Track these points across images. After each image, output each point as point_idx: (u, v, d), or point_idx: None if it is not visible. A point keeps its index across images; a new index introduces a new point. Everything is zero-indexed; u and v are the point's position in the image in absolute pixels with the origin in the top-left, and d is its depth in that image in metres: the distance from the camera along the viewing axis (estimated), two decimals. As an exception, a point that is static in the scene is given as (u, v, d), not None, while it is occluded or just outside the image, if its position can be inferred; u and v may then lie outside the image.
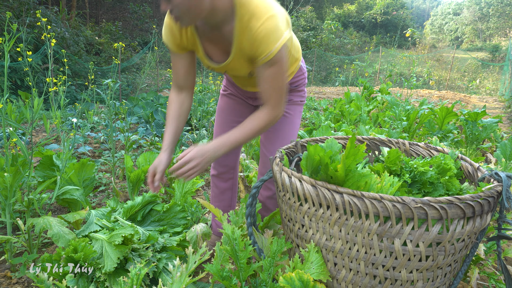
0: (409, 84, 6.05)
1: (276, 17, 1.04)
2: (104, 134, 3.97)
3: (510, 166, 2.39)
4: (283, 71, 1.12)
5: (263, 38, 1.04)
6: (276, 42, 1.04)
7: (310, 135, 3.21)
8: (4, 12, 8.07)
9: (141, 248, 1.28)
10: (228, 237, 1.08)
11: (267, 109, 1.17)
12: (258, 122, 1.17)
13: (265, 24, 1.03)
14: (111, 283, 1.15)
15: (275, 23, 1.03)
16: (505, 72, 13.76)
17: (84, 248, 1.17)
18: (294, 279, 0.87)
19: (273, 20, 1.03)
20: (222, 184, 1.74)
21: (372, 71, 15.52)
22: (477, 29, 34.28)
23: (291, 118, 1.51)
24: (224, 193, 1.77)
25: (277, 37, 1.04)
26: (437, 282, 0.90)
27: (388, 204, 0.80)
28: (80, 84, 9.62)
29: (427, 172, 1.05)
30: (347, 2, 31.86)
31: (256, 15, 1.04)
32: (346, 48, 22.25)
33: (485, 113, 3.29)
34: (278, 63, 1.08)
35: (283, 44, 1.05)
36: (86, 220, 1.41)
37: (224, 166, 1.69)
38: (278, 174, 1.01)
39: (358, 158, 0.86)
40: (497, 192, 0.87)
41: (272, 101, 1.16)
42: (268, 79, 1.12)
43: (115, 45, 2.67)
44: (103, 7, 20.04)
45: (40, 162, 1.85)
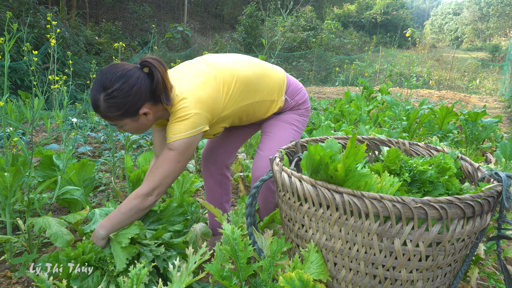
0: (409, 84, 6.05)
1: (189, 117, 1.23)
2: (104, 134, 3.98)
3: (510, 166, 2.39)
4: (177, 159, 1.26)
5: (171, 126, 1.26)
6: (178, 133, 1.23)
7: (310, 135, 3.21)
8: (4, 12, 8.07)
9: (152, 244, 1.30)
10: (228, 237, 1.08)
11: (143, 185, 1.27)
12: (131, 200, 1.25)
13: (176, 119, 1.25)
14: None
15: (185, 121, 1.23)
16: (505, 72, 13.76)
17: (92, 249, 1.20)
18: (294, 279, 0.87)
19: (185, 118, 1.23)
20: (210, 179, 1.75)
21: (372, 71, 15.53)
22: (477, 29, 34.29)
23: (286, 123, 1.54)
24: (212, 190, 1.77)
25: (181, 130, 1.23)
26: (437, 282, 0.90)
27: (388, 204, 0.80)
28: (80, 84, 9.62)
29: (426, 171, 1.05)
30: (347, 2, 31.86)
31: (174, 113, 1.26)
32: (346, 48, 22.25)
33: (485, 113, 3.29)
34: (175, 150, 1.25)
35: (182, 138, 1.23)
36: (90, 219, 1.43)
37: (213, 162, 1.72)
38: (278, 174, 1.01)
39: (358, 158, 0.86)
40: (497, 192, 0.87)
41: (151, 177, 1.26)
42: (161, 157, 1.27)
43: (115, 45, 2.67)
44: (103, 7, 20.04)
45: (40, 162, 1.85)
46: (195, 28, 23.04)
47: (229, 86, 1.34)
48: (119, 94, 1.16)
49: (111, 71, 1.18)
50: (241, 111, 1.42)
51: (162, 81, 1.21)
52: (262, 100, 1.46)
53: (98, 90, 1.18)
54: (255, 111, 1.47)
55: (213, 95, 1.29)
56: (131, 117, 1.22)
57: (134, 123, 1.25)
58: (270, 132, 1.53)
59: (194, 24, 23.42)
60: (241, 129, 1.71)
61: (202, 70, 1.34)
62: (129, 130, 1.29)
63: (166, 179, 1.27)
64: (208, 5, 29.65)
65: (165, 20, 23.24)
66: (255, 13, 19.37)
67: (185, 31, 18.41)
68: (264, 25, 19.81)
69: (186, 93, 1.26)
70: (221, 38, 20.89)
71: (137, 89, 1.19)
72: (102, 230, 1.25)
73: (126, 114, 1.20)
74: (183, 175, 1.88)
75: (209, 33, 24.59)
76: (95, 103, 1.19)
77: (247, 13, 19.22)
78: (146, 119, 1.26)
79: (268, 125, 1.55)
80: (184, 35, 18.65)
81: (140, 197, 1.25)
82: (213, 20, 28.67)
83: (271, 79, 1.48)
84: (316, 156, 0.93)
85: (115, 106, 1.17)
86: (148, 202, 1.26)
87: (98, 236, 1.25)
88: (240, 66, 1.40)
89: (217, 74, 1.33)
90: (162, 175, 1.26)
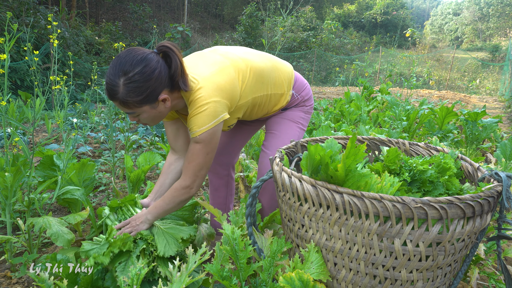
0: (409, 84, 6.05)
1: (210, 104, 1.21)
2: (104, 134, 3.98)
3: (510, 166, 2.39)
4: (205, 151, 1.26)
5: (193, 120, 1.23)
6: (202, 125, 1.22)
7: (310, 135, 3.21)
8: (4, 12, 8.07)
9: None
10: (228, 237, 1.08)
11: (180, 180, 1.31)
12: (173, 191, 1.31)
13: (197, 109, 1.22)
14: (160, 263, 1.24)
15: (206, 111, 1.21)
16: (505, 72, 13.75)
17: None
18: (294, 279, 0.87)
19: (204, 107, 1.21)
20: (216, 180, 1.75)
21: (372, 71, 15.52)
22: (477, 29, 34.28)
23: (288, 121, 1.54)
24: (218, 190, 1.77)
25: (204, 122, 1.21)
26: (437, 282, 0.90)
27: (388, 204, 0.80)
28: (80, 84, 9.62)
29: (426, 170, 1.05)
30: (347, 2, 31.85)
31: (193, 102, 1.23)
32: (346, 48, 22.24)
33: (485, 113, 3.29)
34: (202, 143, 1.24)
35: (208, 129, 1.22)
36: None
37: (219, 163, 1.71)
38: (278, 174, 1.01)
39: (359, 158, 0.86)
40: (497, 192, 0.87)
41: (186, 172, 1.29)
42: (190, 152, 1.28)
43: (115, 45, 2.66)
44: (103, 7, 20.04)
45: (40, 162, 1.85)
46: (195, 28, 23.04)
47: (244, 75, 1.33)
48: (140, 78, 1.12)
49: (130, 54, 1.13)
50: (254, 102, 1.41)
51: (180, 66, 1.18)
52: (274, 93, 1.45)
53: (117, 74, 1.12)
54: (266, 103, 1.46)
55: (231, 81, 1.27)
56: (150, 103, 1.18)
57: (152, 110, 1.21)
58: (276, 130, 1.53)
59: (194, 24, 23.42)
60: (245, 127, 1.70)
61: (215, 59, 1.32)
62: (145, 119, 1.24)
63: (200, 172, 1.29)
64: (208, 5, 29.65)
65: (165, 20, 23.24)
66: (255, 13, 19.37)
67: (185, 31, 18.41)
68: (264, 25, 19.80)
69: (203, 82, 1.22)
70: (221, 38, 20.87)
71: (158, 73, 1.14)
72: (150, 216, 1.31)
73: (146, 100, 1.16)
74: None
75: (209, 33, 24.58)
76: (113, 89, 1.13)
77: (247, 13, 19.22)
78: (164, 106, 1.22)
79: (273, 122, 1.55)
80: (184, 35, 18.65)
81: (182, 189, 1.29)
82: (213, 20, 28.67)
83: (281, 72, 1.48)
84: (316, 156, 0.93)
85: (135, 91, 1.12)
86: (190, 194, 1.30)
87: (146, 220, 1.30)
88: (252, 58, 1.39)
89: (232, 63, 1.32)
90: (195, 168, 1.27)
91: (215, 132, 1.25)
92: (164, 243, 1.26)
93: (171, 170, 1.51)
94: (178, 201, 1.30)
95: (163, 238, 1.28)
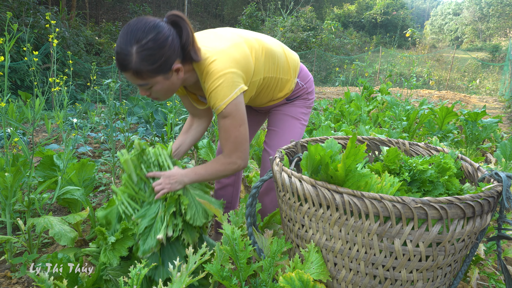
0: (409, 84, 6.05)
1: (227, 75, 1.17)
2: (104, 134, 3.98)
3: (510, 166, 2.39)
4: (236, 123, 1.23)
5: (213, 95, 1.18)
6: (224, 98, 1.17)
7: (310, 135, 3.21)
8: (4, 12, 8.07)
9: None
10: (228, 237, 1.08)
11: (223, 155, 1.29)
12: (217, 163, 1.29)
13: (214, 82, 1.17)
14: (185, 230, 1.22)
15: (224, 81, 1.16)
16: (505, 72, 13.76)
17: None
18: (294, 279, 0.87)
19: (222, 79, 1.16)
20: (224, 179, 1.75)
21: (372, 71, 15.52)
22: (477, 29, 34.28)
23: (292, 117, 1.55)
24: (225, 189, 1.77)
25: (225, 95, 1.17)
26: (437, 282, 0.90)
27: (388, 204, 0.80)
28: (80, 84, 9.62)
29: (426, 170, 1.05)
30: (347, 2, 31.86)
31: (208, 75, 1.18)
32: (346, 48, 22.24)
33: (485, 113, 3.29)
34: (229, 116, 1.20)
35: (232, 100, 1.18)
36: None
37: None
38: (278, 174, 1.01)
39: (359, 158, 0.86)
40: (497, 192, 0.87)
41: (225, 149, 1.27)
42: (222, 129, 1.25)
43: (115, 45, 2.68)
44: (103, 7, 20.04)
45: (40, 162, 1.85)
46: (195, 28, 23.04)
47: (257, 53, 1.31)
48: (154, 45, 1.07)
49: (141, 22, 1.08)
50: (264, 82, 1.39)
51: (191, 35, 1.15)
52: (281, 77, 1.44)
53: (129, 42, 1.06)
54: (273, 87, 1.45)
55: (245, 56, 1.24)
56: (163, 73, 1.13)
57: (166, 82, 1.17)
58: (278, 128, 1.53)
59: (194, 24, 23.42)
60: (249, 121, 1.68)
61: (228, 36, 1.29)
62: (157, 91, 1.19)
63: (240, 146, 1.25)
64: (208, 5, 29.64)
65: (165, 20, 23.20)
66: (255, 13, 19.37)
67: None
68: (264, 25, 19.79)
69: (217, 54, 1.19)
70: (221, 38, 20.82)
71: (171, 41, 1.10)
72: (186, 179, 1.25)
73: (160, 69, 1.11)
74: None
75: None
76: (125, 58, 1.07)
77: (247, 13, 19.22)
78: (177, 77, 1.19)
79: (275, 119, 1.55)
80: (184, 35, 18.59)
81: (226, 164, 1.27)
82: (213, 20, 28.66)
83: (289, 58, 1.48)
84: (316, 156, 0.93)
85: (149, 59, 1.08)
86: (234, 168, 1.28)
87: (181, 181, 1.24)
88: (264, 39, 1.38)
89: (245, 40, 1.30)
90: (233, 145, 1.24)
91: (238, 103, 1.20)
92: (194, 211, 1.22)
93: (191, 131, 1.52)
94: (221, 174, 1.28)
95: (193, 205, 1.23)
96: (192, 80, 1.28)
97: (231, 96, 1.17)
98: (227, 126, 1.22)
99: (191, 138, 1.53)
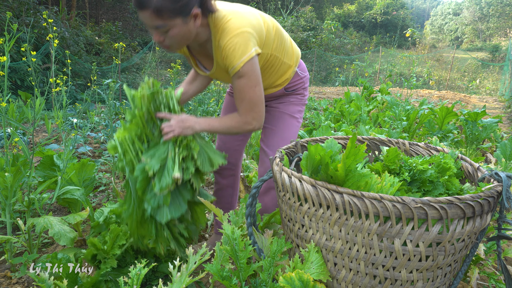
0: (409, 84, 6.06)
1: (244, 34, 1.17)
2: (104, 134, 3.98)
3: (510, 166, 2.40)
4: (251, 84, 1.22)
5: (229, 53, 1.18)
6: (241, 57, 1.16)
7: (310, 135, 3.22)
8: (4, 12, 8.07)
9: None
10: (228, 237, 1.08)
11: (238, 114, 1.30)
12: (232, 119, 1.29)
13: (231, 40, 1.16)
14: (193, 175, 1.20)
15: (241, 39, 1.16)
16: (505, 72, 13.76)
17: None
18: (294, 279, 0.87)
19: (240, 37, 1.16)
20: (222, 180, 1.74)
21: (372, 71, 15.52)
22: (477, 29, 34.29)
23: (289, 116, 1.55)
24: (223, 190, 1.76)
25: (243, 53, 1.16)
26: (437, 282, 0.90)
27: (388, 204, 0.80)
28: (80, 84, 9.61)
29: (426, 170, 1.05)
30: (347, 2, 31.85)
31: (225, 32, 1.18)
32: (346, 48, 22.24)
33: (485, 113, 3.29)
34: (245, 76, 1.20)
35: (249, 59, 1.17)
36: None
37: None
38: (278, 174, 1.01)
39: (359, 158, 0.86)
40: (497, 192, 0.87)
41: (241, 109, 1.27)
42: (237, 90, 1.25)
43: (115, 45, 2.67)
44: (103, 7, 20.03)
45: (40, 162, 1.85)
46: (195, 28, 23.01)
47: (269, 27, 1.31)
48: None
49: None
50: (270, 60, 1.38)
51: None
52: (285, 61, 1.45)
53: None
54: (276, 68, 1.44)
55: (259, 24, 1.25)
56: (183, 16, 1.11)
57: (183, 26, 1.14)
58: (274, 126, 1.54)
59: (194, 24, 23.39)
60: None
61: (243, 7, 1.30)
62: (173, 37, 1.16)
63: (254, 108, 1.25)
64: (208, 5, 29.57)
65: (165, 20, 23.19)
66: (255, 13, 19.33)
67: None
68: (264, 25, 19.75)
69: (234, 14, 1.19)
70: (221, 38, 20.83)
71: None
72: (198, 126, 1.25)
73: (180, 10, 1.10)
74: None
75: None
76: None
77: (247, 13, 19.19)
78: (194, 24, 1.17)
79: (272, 117, 1.55)
80: (184, 35, 18.60)
81: (242, 123, 1.27)
82: (213, 20, 28.60)
83: (294, 46, 1.50)
84: (316, 156, 0.93)
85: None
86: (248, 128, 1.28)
87: (193, 127, 1.23)
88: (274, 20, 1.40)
89: (259, 13, 1.31)
90: (248, 106, 1.24)
91: (254, 63, 1.20)
92: (202, 158, 1.22)
93: (195, 83, 1.54)
94: (234, 131, 1.29)
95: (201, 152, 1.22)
96: (204, 38, 1.26)
97: (248, 55, 1.17)
98: (242, 86, 1.22)
99: (194, 88, 1.55)
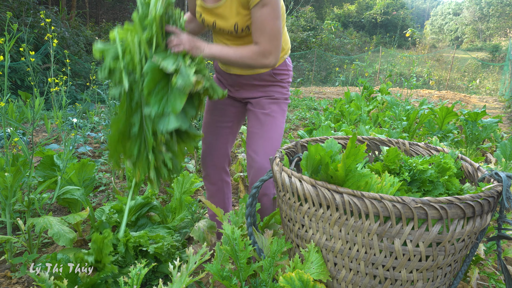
0: (409, 84, 6.06)
1: None
2: (104, 134, 3.97)
3: (510, 166, 2.39)
4: (275, 15, 1.20)
5: None
6: None
7: (310, 135, 3.21)
8: (4, 12, 8.07)
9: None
10: (228, 237, 1.08)
11: (257, 45, 1.25)
12: (248, 49, 1.25)
13: None
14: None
15: None
16: (505, 72, 13.76)
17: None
18: (294, 279, 0.87)
19: None
20: (211, 186, 1.69)
21: (372, 71, 15.53)
22: (477, 29, 34.30)
23: (273, 117, 1.47)
24: (214, 197, 1.72)
25: None
26: (437, 282, 0.90)
27: (388, 204, 0.80)
28: (80, 84, 9.61)
29: (426, 170, 1.05)
30: (347, 2, 31.85)
31: None
32: (346, 48, 22.24)
33: (485, 113, 3.29)
34: (269, 4, 1.18)
35: None
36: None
37: (211, 166, 1.64)
38: (278, 174, 1.01)
39: (359, 158, 0.86)
40: (497, 192, 0.87)
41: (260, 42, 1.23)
42: (258, 21, 1.21)
43: (115, 45, 2.67)
44: (103, 7, 20.03)
45: (40, 162, 1.85)
46: (195, 28, 23.02)
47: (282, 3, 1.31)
48: None
49: None
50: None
51: None
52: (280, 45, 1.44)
53: None
54: None
55: None
56: None
57: None
58: (259, 129, 1.45)
59: (194, 24, 23.40)
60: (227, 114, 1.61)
61: None
62: None
63: (273, 40, 1.23)
64: (208, 5, 29.58)
65: (165, 20, 23.19)
66: (255, 13, 19.33)
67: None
68: (264, 25, 19.76)
69: None
70: (221, 38, 20.83)
71: None
72: (208, 49, 1.23)
73: None
74: (183, 175, 1.87)
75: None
76: None
77: (247, 13, 19.19)
78: None
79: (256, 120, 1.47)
80: (184, 35, 18.60)
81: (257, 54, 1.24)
82: (213, 20, 28.61)
83: (287, 36, 1.50)
84: (316, 156, 0.93)
85: None
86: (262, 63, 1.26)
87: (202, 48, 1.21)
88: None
89: None
90: (268, 37, 1.22)
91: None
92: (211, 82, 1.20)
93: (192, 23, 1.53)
94: (247, 62, 1.26)
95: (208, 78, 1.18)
96: None
97: None
98: (264, 16, 1.19)
99: (192, 27, 1.53)
